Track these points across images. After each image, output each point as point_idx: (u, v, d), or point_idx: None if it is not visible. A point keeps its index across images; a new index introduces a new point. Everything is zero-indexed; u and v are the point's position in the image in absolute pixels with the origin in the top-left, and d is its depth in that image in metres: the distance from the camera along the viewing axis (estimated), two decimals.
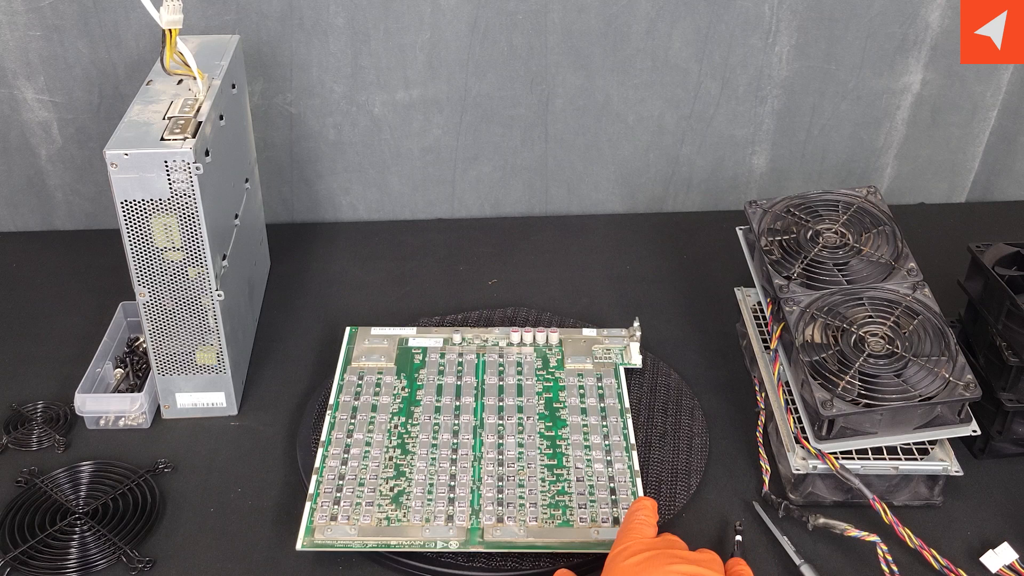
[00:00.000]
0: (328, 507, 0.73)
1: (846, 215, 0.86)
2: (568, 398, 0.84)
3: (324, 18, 1.01)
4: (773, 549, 0.73)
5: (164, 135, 0.74)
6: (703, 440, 0.82)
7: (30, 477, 0.78)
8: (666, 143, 1.13)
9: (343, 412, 0.82)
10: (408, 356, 0.88)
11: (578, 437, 0.80)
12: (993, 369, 0.80)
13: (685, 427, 0.83)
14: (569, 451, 0.78)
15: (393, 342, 0.90)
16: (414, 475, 0.76)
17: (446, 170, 1.13)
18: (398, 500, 0.74)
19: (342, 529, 0.71)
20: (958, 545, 0.73)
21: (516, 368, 0.87)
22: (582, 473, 0.76)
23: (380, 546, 0.70)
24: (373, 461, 0.77)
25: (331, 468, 0.77)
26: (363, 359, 0.88)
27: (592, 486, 0.75)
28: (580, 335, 0.91)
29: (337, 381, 0.85)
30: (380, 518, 0.72)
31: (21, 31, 0.99)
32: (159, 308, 0.79)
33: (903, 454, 0.75)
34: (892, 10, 1.05)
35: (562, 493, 0.74)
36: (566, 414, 0.82)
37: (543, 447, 0.79)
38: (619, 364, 0.87)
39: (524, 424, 0.81)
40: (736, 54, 1.07)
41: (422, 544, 0.70)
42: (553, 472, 0.76)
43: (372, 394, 0.84)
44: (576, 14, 1.03)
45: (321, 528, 0.71)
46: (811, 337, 0.78)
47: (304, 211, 1.15)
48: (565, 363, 0.87)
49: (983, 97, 1.12)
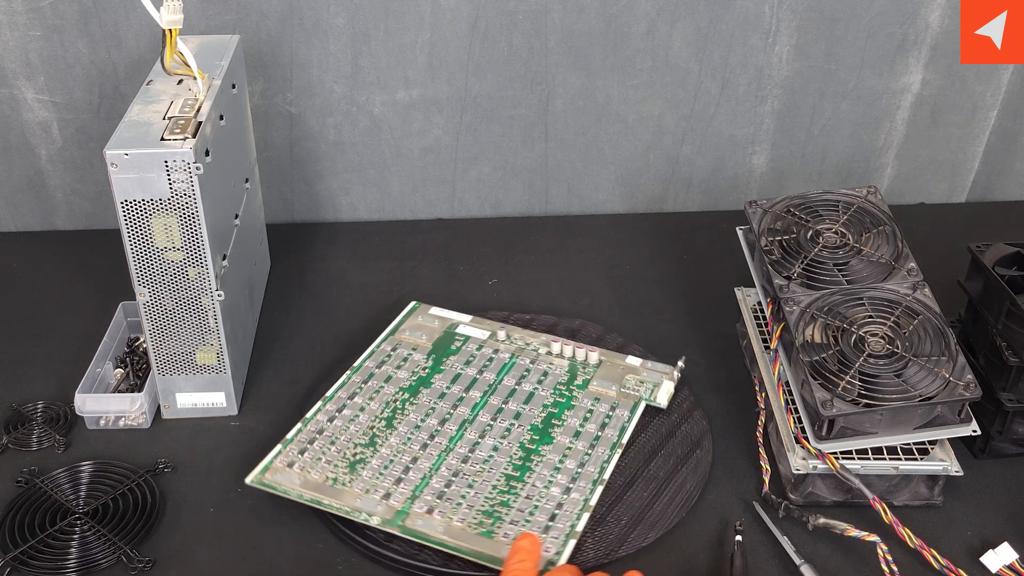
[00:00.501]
0: (293, 454, 0.77)
1: (846, 215, 0.86)
2: (571, 418, 0.81)
3: (324, 18, 1.01)
4: (773, 549, 0.73)
5: (164, 135, 0.74)
6: (693, 488, 0.78)
7: (30, 477, 0.78)
8: (666, 143, 1.13)
9: (359, 375, 0.85)
10: (449, 341, 0.90)
11: (554, 457, 0.77)
12: (993, 369, 0.80)
13: (680, 478, 0.78)
14: (537, 468, 0.76)
15: (444, 325, 0.91)
16: (381, 448, 0.77)
17: (446, 170, 1.13)
18: (354, 467, 0.76)
19: (290, 477, 0.75)
20: (958, 545, 0.73)
21: (540, 377, 0.86)
22: (535, 492, 0.74)
23: (313, 502, 0.73)
24: (356, 426, 0.80)
25: (317, 421, 0.80)
26: (407, 333, 0.90)
27: (536, 507, 0.73)
28: (621, 361, 0.88)
29: (372, 347, 0.88)
30: (329, 477, 0.75)
31: (21, 31, 0.99)
32: (159, 308, 0.79)
33: (903, 454, 0.75)
34: (892, 10, 1.05)
35: (503, 505, 0.73)
36: (557, 432, 0.80)
37: (515, 456, 0.78)
38: (642, 399, 0.83)
39: (511, 430, 0.80)
40: (736, 54, 1.07)
41: (348, 511, 0.72)
42: (508, 483, 0.75)
43: (394, 367, 0.86)
44: (576, 14, 1.03)
45: (275, 470, 0.75)
46: (811, 337, 0.78)
47: (304, 211, 1.15)
48: (590, 384, 0.85)
49: (983, 97, 1.12)
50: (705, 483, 0.78)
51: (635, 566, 0.71)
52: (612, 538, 0.72)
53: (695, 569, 0.72)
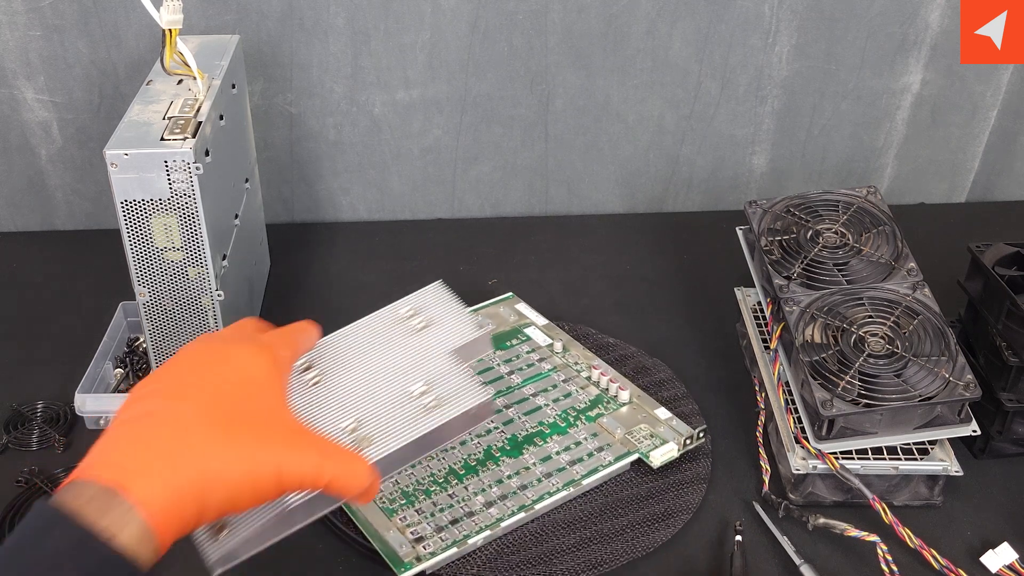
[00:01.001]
0: None
1: (846, 215, 0.86)
2: (552, 443, 0.78)
3: (324, 18, 1.01)
4: (773, 549, 0.73)
5: (164, 135, 0.74)
6: (693, 489, 0.77)
7: (30, 477, 0.78)
8: (666, 143, 1.13)
9: None
10: (509, 336, 0.90)
11: (505, 471, 0.76)
12: (993, 369, 0.80)
13: (680, 478, 0.77)
14: (482, 475, 0.75)
15: (517, 321, 0.92)
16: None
17: (446, 170, 1.13)
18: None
19: None
20: (958, 545, 0.74)
21: (559, 396, 0.84)
22: (456, 496, 0.73)
23: None
24: None
25: None
26: (479, 317, 0.89)
27: (443, 510, 0.72)
28: (649, 409, 0.82)
29: None
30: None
31: (21, 31, 0.99)
32: (159, 308, 0.79)
33: (903, 454, 0.75)
34: (892, 10, 1.05)
35: (426, 495, 0.73)
36: (528, 451, 0.78)
37: (471, 457, 0.77)
38: (637, 451, 0.78)
39: (490, 433, 0.80)
40: (736, 54, 1.07)
41: None
42: (446, 478, 0.75)
43: None
44: (576, 14, 1.03)
45: None
46: (811, 337, 0.78)
47: (304, 211, 1.15)
48: (601, 419, 0.81)
49: (983, 97, 1.12)
50: (705, 483, 0.78)
51: (635, 565, 0.71)
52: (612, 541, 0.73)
53: (695, 569, 0.72)
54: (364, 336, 0.67)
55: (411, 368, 0.64)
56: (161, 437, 0.51)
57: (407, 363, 0.64)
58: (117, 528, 0.46)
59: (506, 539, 0.72)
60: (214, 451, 0.51)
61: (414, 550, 0.68)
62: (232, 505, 0.52)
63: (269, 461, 0.53)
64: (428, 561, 0.68)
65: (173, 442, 0.51)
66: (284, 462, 0.53)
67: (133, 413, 0.53)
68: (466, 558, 0.70)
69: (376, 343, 0.66)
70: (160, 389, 0.55)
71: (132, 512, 0.47)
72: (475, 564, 0.70)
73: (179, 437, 0.51)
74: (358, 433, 0.60)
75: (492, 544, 0.72)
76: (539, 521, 0.74)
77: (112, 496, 0.47)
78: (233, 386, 0.55)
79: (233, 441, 0.52)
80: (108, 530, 0.46)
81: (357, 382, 0.63)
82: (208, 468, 0.51)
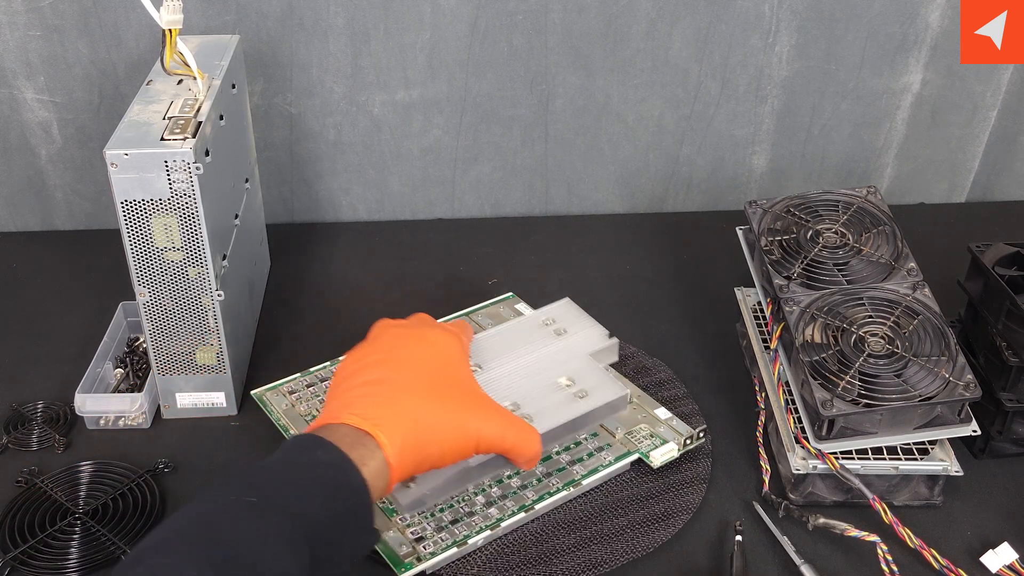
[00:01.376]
0: (301, 386, 0.82)
1: (846, 215, 0.86)
2: (554, 447, 0.77)
3: (324, 18, 1.01)
4: (773, 549, 0.73)
5: (164, 135, 0.74)
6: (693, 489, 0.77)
7: (30, 477, 0.78)
8: (666, 143, 1.13)
9: None
10: None
11: (513, 481, 0.74)
12: (993, 369, 0.80)
13: (680, 478, 0.77)
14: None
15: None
16: None
17: (446, 170, 1.13)
18: None
19: (282, 402, 0.81)
20: (958, 545, 0.74)
21: None
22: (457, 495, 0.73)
23: (283, 429, 0.78)
24: None
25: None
26: (479, 317, 0.91)
27: (444, 509, 0.72)
28: (649, 409, 0.81)
29: (443, 319, 0.89)
30: (312, 413, 0.79)
31: (21, 31, 0.99)
32: (159, 308, 0.79)
33: (903, 454, 0.75)
34: (892, 10, 1.05)
35: None
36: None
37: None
38: (638, 451, 0.77)
39: None
40: (736, 54, 1.07)
41: None
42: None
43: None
44: (576, 14, 1.03)
45: (278, 392, 0.82)
46: (811, 337, 0.78)
47: (304, 211, 1.15)
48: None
49: (983, 97, 1.12)
50: (705, 483, 0.78)
51: (635, 565, 0.71)
52: (612, 541, 0.73)
53: (695, 569, 0.72)
54: (511, 336, 0.79)
55: (556, 365, 0.76)
56: (397, 399, 0.63)
57: (552, 361, 0.76)
58: (363, 461, 0.59)
59: (506, 539, 0.72)
60: (434, 413, 0.64)
61: (414, 550, 0.68)
62: (440, 459, 0.64)
63: (471, 425, 0.65)
64: (428, 561, 0.68)
65: (406, 403, 0.63)
66: (481, 427, 0.66)
67: (370, 377, 0.65)
68: (466, 558, 0.70)
69: (522, 343, 0.78)
70: (384, 359, 0.67)
71: (377, 452, 0.60)
72: (475, 564, 0.70)
73: (410, 400, 0.64)
74: (521, 411, 0.72)
75: (492, 544, 0.72)
76: (539, 521, 0.74)
77: (361, 437, 0.60)
78: (438, 362, 0.68)
79: (446, 407, 0.65)
80: (360, 459, 0.59)
81: (512, 371, 0.75)
82: (429, 425, 0.63)
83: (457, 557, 0.70)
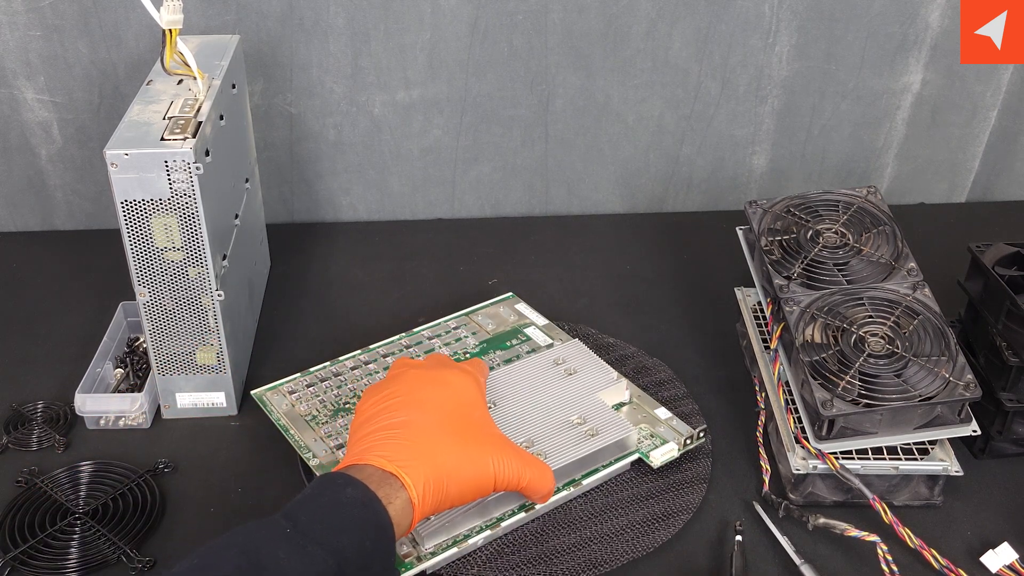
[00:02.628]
0: (301, 386, 0.83)
1: (846, 215, 0.86)
2: None
3: (324, 18, 1.01)
4: (773, 549, 0.73)
5: (164, 135, 0.74)
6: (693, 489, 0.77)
7: (30, 477, 0.78)
8: (666, 143, 1.13)
9: (409, 339, 0.89)
10: (509, 336, 0.90)
11: None
12: (993, 369, 0.80)
13: (680, 478, 0.77)
14: None
15: (517, 321, 0.92)
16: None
17: (446, 170, 1.13)
18: (336, 414, 0.80)
19: (283, 402, 0.81)
20: (958, 545, 0.74)
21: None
22: None
23: (283, 429, 0.79)
24: (369, 380, 0.83)
25: (343, 365, 0.85)
26: (479, 317, 0.92)
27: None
28: (649, 409, 0.81)
29: (442, 320, 0.91)
30: (312, 414, 0.80)
31: (21, 31, 0.99)
32: (159, 308, 0.79)
33: (903, 454, 0.75)
34: (892, 10, 1.05)
35: None
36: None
37: None
38: (637, 451, 0.77)
39: None
40: (736, 54, 1.07)
41: (300, 446, 0.77)
42: None
43: (444, 341, 0.89)
44: (576, 14, 1.03)
45: (278, 392, 0.82)
46: (811, 337, 0.78)
47: (304, 211, 1.15)
48: None
49: (983, 97, 1.12)
50: (705, 483, 0.78)
51: (635, 565, 0.71)
52: (612, 541, 0.73)
53: (695, 569, 0.72)
54: (523, 375, 0.81)
55: (566, 404, 0.78)
56: (419, 441, 0.65)
57: (562, 400, 0.78)
58: (389, 499, 0.61)
59: (506, 539, 0.72)
60: (454, 455, 0.66)
61: (414, 550, 0.68)
62: (460, 498, 0.66)
63: (489, 464, 0.67)
64: (428, 561, 0.68)
65: (427, 446, 0.65)
66: (498, 466, 0.67)
67: (393, 420, 0.67)
68: (466, 558, 0.70)
69: (534, 382, 0.80)
70: (405, 402, 0.69)
71: (401, 491, 0.62)
72: (475, 564, 0.70)
73: (431, 442, 0.66)
74: (534, 449, 0.73)
75: (492, 544, 0.72)
76: (539, 521, 0.74)
77: (387, 477, 0.62)
78: (456, 404, 0.70)
79: (465, 448, 0.67)
80: (386, 498, 0.61)
81: (525, 410, 0.77)
82: (449, 467, 0.65)
83: (457, 557, 0.70)
